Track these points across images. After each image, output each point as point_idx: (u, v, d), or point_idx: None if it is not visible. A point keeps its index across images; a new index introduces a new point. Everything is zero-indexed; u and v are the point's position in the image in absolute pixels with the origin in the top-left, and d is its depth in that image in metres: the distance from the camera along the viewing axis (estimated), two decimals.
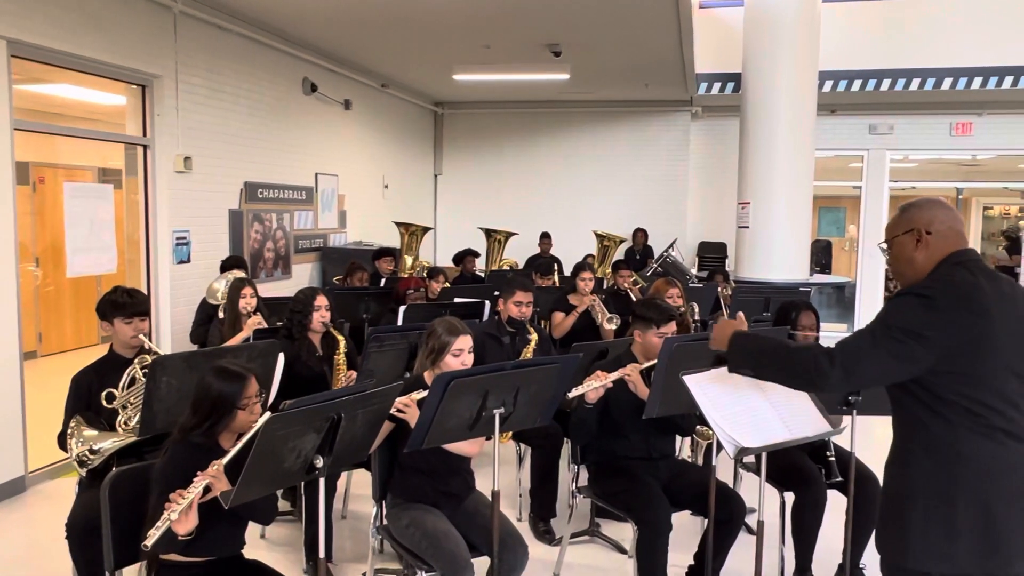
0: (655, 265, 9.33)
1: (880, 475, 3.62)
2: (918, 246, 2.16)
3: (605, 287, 7.46)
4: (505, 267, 9.54)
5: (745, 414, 2.57)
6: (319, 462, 2.35)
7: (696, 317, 5.37)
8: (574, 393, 3.24)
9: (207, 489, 2.32)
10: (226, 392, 2.53)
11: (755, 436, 2.52)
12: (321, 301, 4.18)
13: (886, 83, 9.61)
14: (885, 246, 2.27)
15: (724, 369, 2.71)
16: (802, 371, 2.14)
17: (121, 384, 3.34)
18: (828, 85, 9.49)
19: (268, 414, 2.21)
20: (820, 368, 2.08)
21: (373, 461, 3.23)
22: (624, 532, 4.26)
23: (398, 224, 9.33)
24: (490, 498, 2.93)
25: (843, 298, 11.71)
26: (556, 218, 11.51)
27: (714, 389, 2.59)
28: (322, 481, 2.45)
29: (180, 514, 2.22)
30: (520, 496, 4.68)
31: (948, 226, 2.16)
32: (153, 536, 2.20)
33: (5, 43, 4.67)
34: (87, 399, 3.33)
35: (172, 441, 2.57)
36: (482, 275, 8.78)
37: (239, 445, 2.35)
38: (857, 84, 9.66)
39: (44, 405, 4.92)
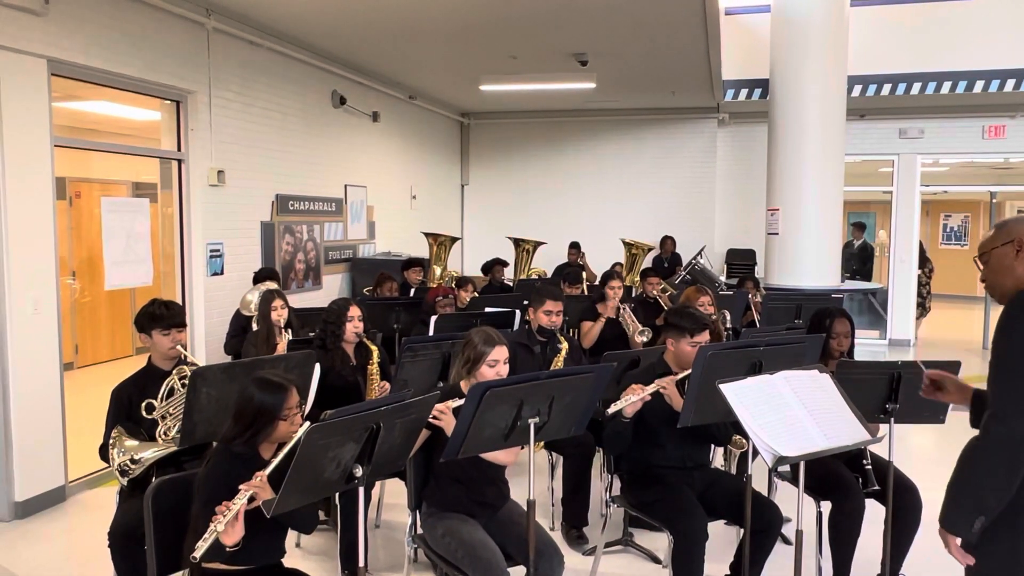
0: (683, 273, 9.30)
1: (918, 483, 3.61)
2: (1019, 255, 2.25)
3: (634, 295, 7.44)
4: (533, 276, 9.55)
5: (782, 423, 2.55)
6: (358, 471, 2.37)
7: (728, 325, 5.34)
8: (613, 410, 3.24)
9: (251, 499, 2.35)
10: (268, 403, 2.56)
11: (793, 445, 2.50)
12: (354, 312, 4.22)
13: (916, 87, 9.51)
14: (980, 262, 2.34)
15: (760, 377, 2.71)
16: (996, 459, 2.07)
17: (160, 395, 3.40)
18: (857, 89, 9.42)
19: (307, 424, 2.24)
20: (1000, 438, 2.06)
21: (408, 470, 3.25)
22: (658, 542, 4.25)
23: (426, 234, 9.38)
24: (524, 507, 2.94)
25: (876, 304, 11.56)
26: (583, 227, 11.51)
27: (751, 397, 2.58)
28: (360, 490, 2.48)
29: (227, 525, 2.26)
30: (552, 505, 4.68)
31: None
32: (201, 548, 2.24)
33: (45, 62, 4.79)
34: (127, 410, 3.39)
35: (214, 451, 2.61)
36: (510, 284, 8.80)
37: (281, 455, 2.38)
38: (887, 88, 9.57)
39: (81, 416, 5.02)
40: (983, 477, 2.09)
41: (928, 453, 6.06)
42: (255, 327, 5.19)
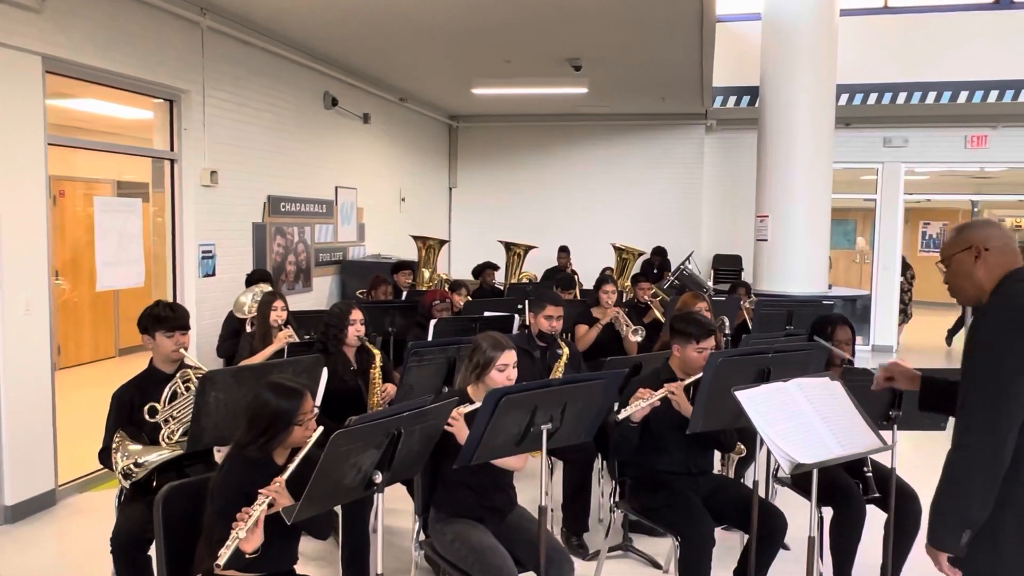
0: (672, 278, 9.34)
1: (919, 491, 3.65)
2: (977, 262, 2.27)
3: (625, 300, 7.47)
4: (524, 280, 9.55)
5: (798, 430, 2.57)
6: (378, 477, 2.36)
7: (727, 331, 5.36)
8: (623, 415, 3.25)
9: (269, 505, 2.33)
10: (284, 408, 2.54)
11: (809, 452, 2.52)
12: (356, 315, 4.20)
13: (901, 96, 9.64)
14: (943, 266, 2.36)
15: (774, 384, 2.73)
16: (974, 469, 2.09)
17: (163, 398, 3.36)
18: (844, 98, 9.52)
19: (320, 429, 2.23)
20: (976, 448, 2.09)
21: (416, 475, 3.23)
22: (657, 547, 4.26)
23: (415, 237, 9.35)
24: (532, 513, 2.94)
25: (857, 311, 11.67)
26: (571, 231, 11.54)
27: (766, 405, 2.60)
28: (378, 497, 2.46)
29: (247, 531, 2.23)
30: (551, 511, 4.67)
31: (1003, 243, 2.28)
32: (224, 555, 2.21)
33: (40, 59, 4.72)
34: (129, 414, 3.34)
35: (228, 456, 2.58)
36: (501, 288, 8.79)
37: (296, 460, 2.37)
38: (872, 97, 9.70)
39: (66, 418, 4.96)
40: (964, 489, 2.11)
41: (928, 460, 6.11)
42: (249, 329, 5.15)
